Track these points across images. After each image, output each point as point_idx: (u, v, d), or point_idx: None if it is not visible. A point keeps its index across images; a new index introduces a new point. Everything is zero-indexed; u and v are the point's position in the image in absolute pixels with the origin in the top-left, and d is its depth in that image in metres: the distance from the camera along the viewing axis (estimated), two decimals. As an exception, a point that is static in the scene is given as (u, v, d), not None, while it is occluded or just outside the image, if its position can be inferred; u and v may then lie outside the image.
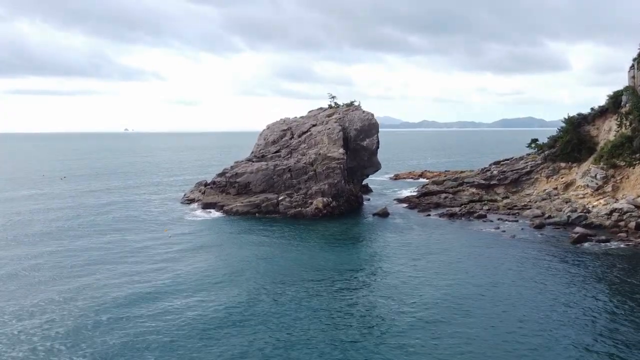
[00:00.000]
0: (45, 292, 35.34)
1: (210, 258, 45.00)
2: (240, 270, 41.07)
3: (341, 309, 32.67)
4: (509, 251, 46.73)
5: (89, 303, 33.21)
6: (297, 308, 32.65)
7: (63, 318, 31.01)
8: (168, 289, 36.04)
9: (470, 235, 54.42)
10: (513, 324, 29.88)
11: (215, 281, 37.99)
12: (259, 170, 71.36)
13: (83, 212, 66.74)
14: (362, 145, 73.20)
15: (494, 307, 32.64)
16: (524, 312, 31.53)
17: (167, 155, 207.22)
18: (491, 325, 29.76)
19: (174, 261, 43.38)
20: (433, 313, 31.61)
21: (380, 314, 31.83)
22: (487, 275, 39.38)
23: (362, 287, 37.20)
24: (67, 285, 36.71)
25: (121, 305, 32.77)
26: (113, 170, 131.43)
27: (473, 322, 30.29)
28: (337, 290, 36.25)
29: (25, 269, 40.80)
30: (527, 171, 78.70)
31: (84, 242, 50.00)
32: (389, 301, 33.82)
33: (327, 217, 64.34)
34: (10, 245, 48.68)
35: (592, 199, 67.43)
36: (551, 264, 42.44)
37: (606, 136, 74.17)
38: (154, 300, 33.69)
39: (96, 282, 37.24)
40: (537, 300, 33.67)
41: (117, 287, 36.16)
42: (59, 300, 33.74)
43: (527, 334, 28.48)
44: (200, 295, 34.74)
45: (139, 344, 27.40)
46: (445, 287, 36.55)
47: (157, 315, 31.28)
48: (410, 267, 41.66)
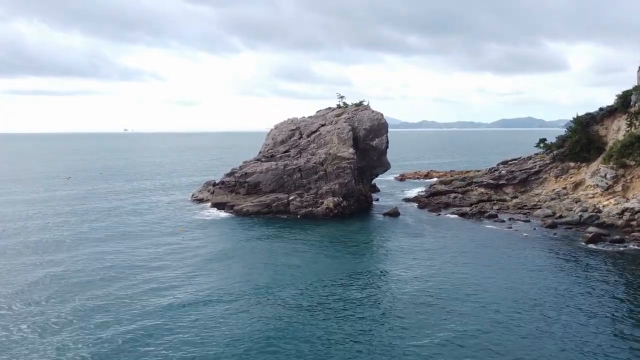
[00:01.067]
0: (74, 299, 34.45)
1: (227, 262, 44.06)
2: (259, 274, 40.51)
3: (371, 314, 32.63)
4: (525, 252, 46.74)
5: (118, 311, 32.96)
6: (329, 312, 32.60)
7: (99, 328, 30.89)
8: (190, 297, 35.19)
9: (483, 235, 54.42)
10: (543, 326, 29.88)
11: (234, 286, 37.12)
12: (268, 170, 71.31)
13: (95, 216, 64.61)
14: (371, 145, 73.21)
15: (518, 307, 32.66)
16: (550, 315, 31.51)
17: (170, 156, 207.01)
18: (517, 325, 29.78)
19: (191, 267, 41.86)
20: (463, 315, 31.61)
21: (411, 316, 31.79)
22: (508, 276, 39.35)
23: (384, 289, 37.16)
24: (97, 291, 35.52)
25: (147, 316, 31.26)
26: (117, 171, 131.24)
27: (501, 320, 30.30)
28: (362, 294, 36.19)
29: (48, 277, 38.94)
30: (535, 171, 78.74)
31: (102, 247, 48.01)
32: (414, 302, 33.81)
33: (338, 217, 64.34)
34: (25, 253, 46.54)
35: (602, 198, 67.47)
36: (567, 264, 42.48)
37: (615, 136, 74.23)
38: (180, 308, 32.70)
39: (119, 291, 35.40)
40: (559, 303, 33.69)
41: (140, 296, 34.25)
42: (91, 307, 33.17)
43: (560, 337, 28.49)
44: (226, 303, 34.04)
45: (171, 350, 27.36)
46: (467, 288, 36.53)
47: (175, 323, 31.21)
48: (428, 268, 41.63)
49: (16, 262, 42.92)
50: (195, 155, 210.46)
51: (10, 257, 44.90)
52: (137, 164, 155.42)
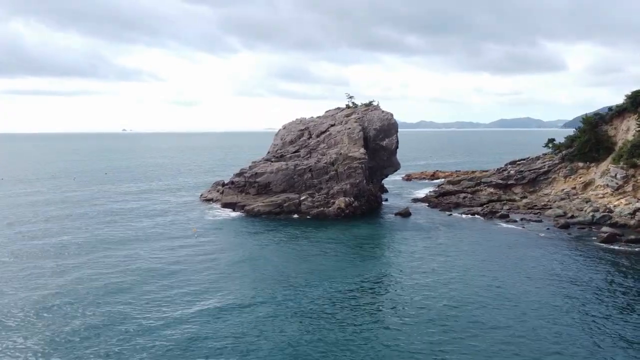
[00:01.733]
0: (103, 305, 33.93)
1: (246, 265, 44.18)
2: (280, 277, 40.57)
3: (397, 319, 32.64)
4: (541, 251, 46.82)
5: (144, 317, 32.90)
6: (348, 315, 32.64)
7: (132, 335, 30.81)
8: (215, 302, 34.94)
9: (497, 235, 54.47)
10: (573, 326, 29.95)
11: (258, 291, 36.99)
12: (279, 170, 71.28)
13: (107, 218, 63.95)
14: (381, 145, 73.26)
15: (544, 306, 32.72)
16: (575, 316, 31.59)
17: (172, 156, 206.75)
18: (542, 326, 29.83)
19: (210, 270, 41.63)
20: (486, 313, 31.66)
21: (433, 315, 31.84)
22: (527, 276, 39.45)
23: (405, 288, 37.20)
24: (124, 296, 35.38)
25: (174, 324, 30.63)
26: (121, 172, 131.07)
27: (527, 321, 30.36)
28: (384, 298, 36.23)
29: (73, 282, 37.91)
30: (544, 171, 78.86)
31: (121, 251, 46.92)
32: (436, 301, 33.86)
33: (350, 217, 64.34)
34: (48, 257, 45.42)
35: (612, 198, 67.55)
36: (585, 264, 42.57)
37: (624, 136, 74.36)
38: (209, 316, 32.34)
39: (140, 298, 34.73)
40: (584, 301, 33.77)
41: (165, 303, 33.73)
42: (118, 312, 32.88)
43: (590, 337, 28.57)
44: (256, 307, 33.89)
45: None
46: (489, 287, 36.58)
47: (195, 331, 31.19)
48: (450, 270, 41.61)
49: (38, 266, 42.26)
50: (198, 155, 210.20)
51: (32, 259, 44.49)
52: (141, 165, 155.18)
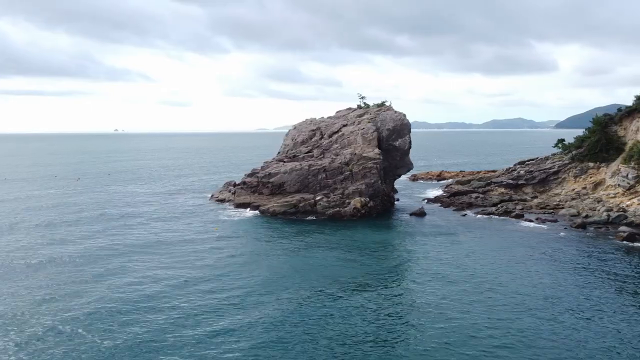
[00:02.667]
0: (139, 317, 33.96)
1: (266, 262, 44.55)
2: (303, 277, 40.76)
3: (426, 319, 32.82)
4: (565, 251, 47.22)
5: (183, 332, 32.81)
6: (377, 316, 32.76)
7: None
8: (233, 299, 35.42)
9: (518, 235, 54.80)
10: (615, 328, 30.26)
11: (277, 287, 37.50)
12: (292, 171, 71.26)
13: (121, 222, 61.15)
14: (394, 145, 73.42)
15: (578, 308, 33.02)
16: (613, 319, 31.90)
17: (173, 157, 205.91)
18: (586, 326, 30.11)
19: (230, 269, 42.03)
20: (522, 317, 31.91)
21: (467, 317, 32.03)
22: (557, 276, 39.75)
23: (435, 294, 37.35)
24: (160, 307, 34.87)
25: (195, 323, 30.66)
26: (125, 174, 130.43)
27: (564, 324, 30.64)
28: (410, 298, 36.40)
29: (108, 293, 36.00)
30: (554, 171, 79.44)
31: (145, 257, 44.80)
32: (470, 303, 34.07)
33: (366, 217, 64.48)
34: (74, 264, 43.93)
35: (624, 198, 68.17)
36: (610, 263, 42.96)
37: (634, 136, 75.09)
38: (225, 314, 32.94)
39: (182, 305, 33.91)
40: (620, 303, 34.13)
41: (201, 314, 32.40)
42: (160, 324, 32.89)
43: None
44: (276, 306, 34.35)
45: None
46: (521, 289, 36.84)
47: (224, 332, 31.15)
48: (480, 271, 41.81)
49: (67, 274, 40.93)
50: (199, 157, 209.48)
51: (58, 266, 43.94)
52: (144, 166, 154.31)
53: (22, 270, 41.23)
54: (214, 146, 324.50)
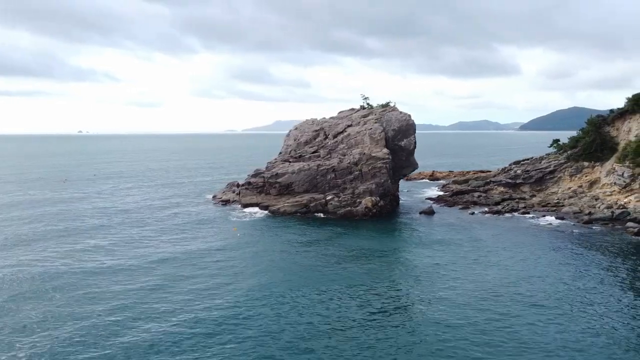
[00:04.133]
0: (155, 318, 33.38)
1: (288, 264, 44.56)
2: (331, 278, 41.17)
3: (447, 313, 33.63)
4: (582, 247, 48.98)
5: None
6: (400, 313, 33.39)
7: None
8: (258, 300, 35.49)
9: (530, 231, 56.45)
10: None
11: (307, 292, 37.54)
12: (301, 171, 71.37)
13: (129, 231, 55.98)
14: (399, 146, 74.39)
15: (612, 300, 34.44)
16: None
17: (157, 159, 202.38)
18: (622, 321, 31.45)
19: (251, 269, 42.21)
20: (550, 312, 33.06)
21: (503, 312, 33.00)
22: (582, 272, 41.24)
23: (466, 291, 38.24)
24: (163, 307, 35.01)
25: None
26: (111, 176, 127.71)
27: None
28: (440, 295, 37.21)
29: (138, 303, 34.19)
30: (550, 170, 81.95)
31: (168, 270, 41.30)
32: (514, 304, 35.11)
33: (377, 216, 65.15)
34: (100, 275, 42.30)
35: (620, 196, 70.99)
36: (630, 257, 44.82)
37: (626, 137, 78.28)
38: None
39: (189, 305, 33.04)
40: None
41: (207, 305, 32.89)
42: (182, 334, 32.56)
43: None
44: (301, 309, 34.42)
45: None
46: (568, 290, 38.09)
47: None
48: (500, 264, 43.02)
49: (90, 292, 38.04)
50: (184, 158, 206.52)
51: (89, 277, 43.06)
52: (127, 168, 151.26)
53: (31, 284, 40.09)
54: (193, 147, 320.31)
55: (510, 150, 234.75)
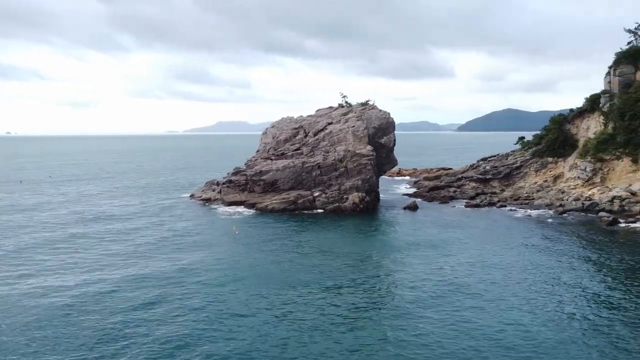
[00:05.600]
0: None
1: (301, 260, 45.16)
2: (352, 269, 42.08)
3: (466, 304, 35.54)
4: (565, 233, 52.48)
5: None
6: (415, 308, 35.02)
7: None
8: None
9: (514, 222, 59.70)
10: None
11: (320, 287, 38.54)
12: (285, 168, 71.59)
13: (112, 236, 51.40)
14: (380, 143, 76.19)
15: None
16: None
17: (104, 160, 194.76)
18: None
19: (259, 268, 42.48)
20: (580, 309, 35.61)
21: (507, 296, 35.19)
22: (576, 263, 44.34)
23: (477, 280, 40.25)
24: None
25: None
26: (70, 177, 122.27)
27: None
28: (451, 287, 39.03)
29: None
30: (517, 166, 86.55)
31: (154, 262, 41.68)
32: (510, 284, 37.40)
33: (364, 211, 66.46)
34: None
35: (584, 189, 76.16)
36: (607, 244, 48.56)
37: (585, 134, 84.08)
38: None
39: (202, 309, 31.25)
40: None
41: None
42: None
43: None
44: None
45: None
46: (549, 279, 40.80)
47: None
48: (502, 259, 45.37)
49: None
50: (137, 158, 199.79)
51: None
52: (81, 171, 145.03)
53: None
54: (137, 149, 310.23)
55: (450, 150, 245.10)
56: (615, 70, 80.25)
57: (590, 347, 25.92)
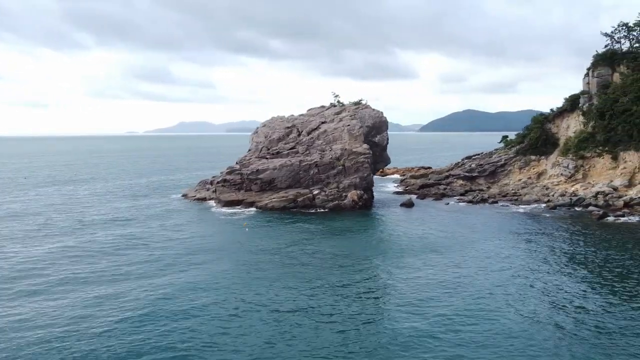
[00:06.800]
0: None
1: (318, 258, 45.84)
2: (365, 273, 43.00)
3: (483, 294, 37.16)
4: (561, 228, 54.97)
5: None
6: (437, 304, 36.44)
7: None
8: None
9: (509, 216, 61.99)
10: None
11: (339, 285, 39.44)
12: (282, 167, 71.85)
13: (121, 243, 47.71)
14: (374, 141, 77.39)
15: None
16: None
17: (73, 160, 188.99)
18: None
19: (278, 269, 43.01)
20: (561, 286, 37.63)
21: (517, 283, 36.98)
22: (581, 257, 46.63)
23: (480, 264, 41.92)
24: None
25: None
26: (45, 178, 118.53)
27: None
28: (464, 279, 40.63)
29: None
30: (501, 164, 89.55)
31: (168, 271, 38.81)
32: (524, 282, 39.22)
33: (363, 208, 67.53)
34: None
35: (567, 185, 79.63)
36: (602, 236, 51.27)
37: (565, 133, 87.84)
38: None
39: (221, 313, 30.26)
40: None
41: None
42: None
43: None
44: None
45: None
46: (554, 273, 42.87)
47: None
48: (507, 253, 47.29)
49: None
50: (108, 159, 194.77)
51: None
52: (54, 172, 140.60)
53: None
54: (98, 150, 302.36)
55: (413, 150, 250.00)
56: (594, 71, 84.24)
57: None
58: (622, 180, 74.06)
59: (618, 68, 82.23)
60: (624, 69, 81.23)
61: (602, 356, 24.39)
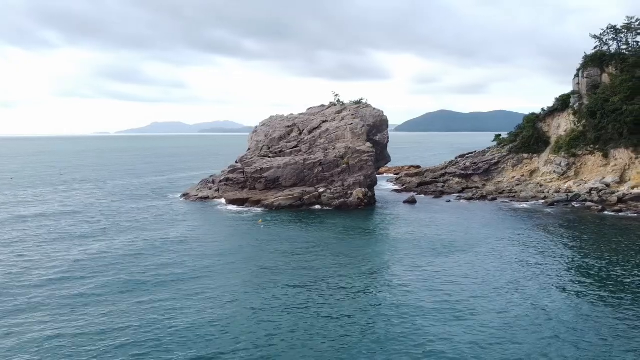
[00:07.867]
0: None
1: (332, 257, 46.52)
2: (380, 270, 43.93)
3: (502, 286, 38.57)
4: (567, 222, 56.95)
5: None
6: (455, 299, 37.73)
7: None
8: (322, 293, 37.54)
9: (512, 212, 63.81)
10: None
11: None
12: (287, 165, 72.28)
13: (133, 246, 45.97)
14: (375, 140, 78.45)
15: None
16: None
17: (50, 161, 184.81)
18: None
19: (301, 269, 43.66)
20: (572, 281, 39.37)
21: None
22: (591, 254, 48.51)
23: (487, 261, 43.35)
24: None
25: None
26: (30, 177, 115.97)
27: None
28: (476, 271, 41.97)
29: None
30: (495, 162, 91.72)
31: (181, 268, 38.97)
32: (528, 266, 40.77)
33: (368, 206, 68.48)
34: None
35: (560, 182, 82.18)
36: (607, 230, 53.40)
37: (556, 131, 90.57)
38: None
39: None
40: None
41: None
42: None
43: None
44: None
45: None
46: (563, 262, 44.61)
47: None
48: (516, 249, 48.89)
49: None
50: (85, 160, 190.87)
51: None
52: (39, 172, 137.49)
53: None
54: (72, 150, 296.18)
55: (396, 150, 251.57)
56: (584, 72, 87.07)
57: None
58: (613, 177, 76.84)
59: (607, 69, 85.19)
60: (612, 70, 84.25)
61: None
